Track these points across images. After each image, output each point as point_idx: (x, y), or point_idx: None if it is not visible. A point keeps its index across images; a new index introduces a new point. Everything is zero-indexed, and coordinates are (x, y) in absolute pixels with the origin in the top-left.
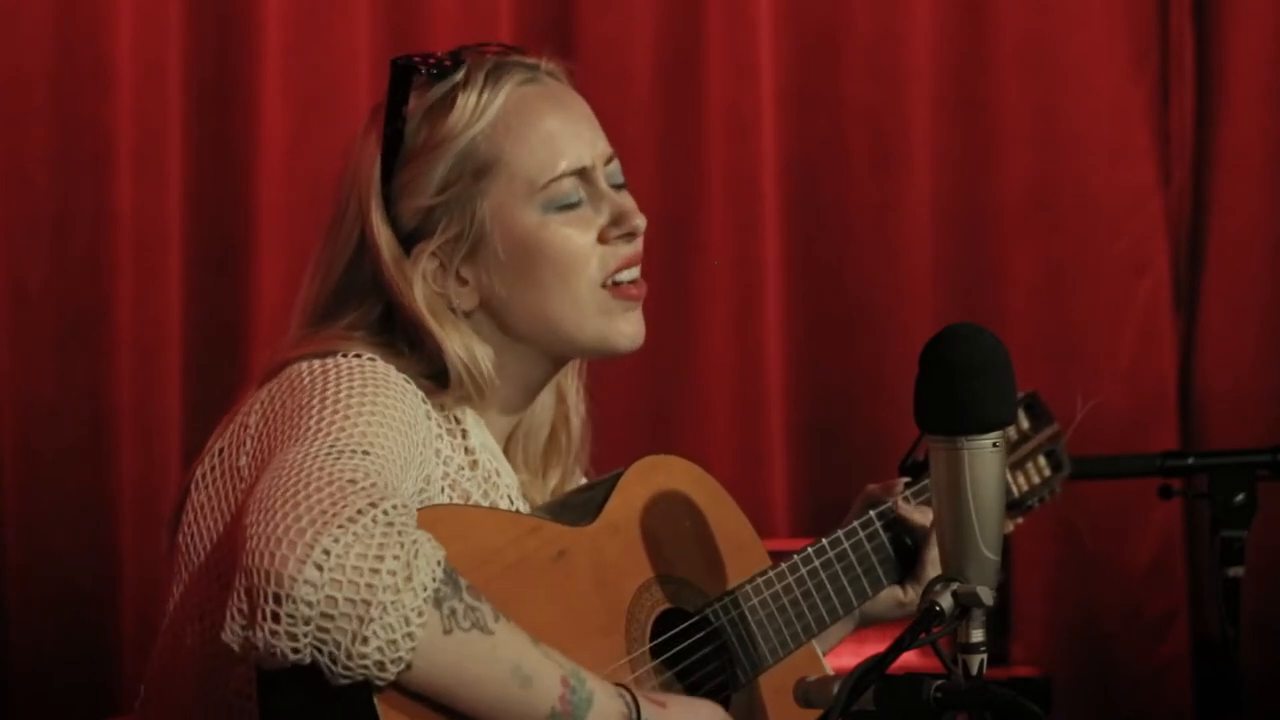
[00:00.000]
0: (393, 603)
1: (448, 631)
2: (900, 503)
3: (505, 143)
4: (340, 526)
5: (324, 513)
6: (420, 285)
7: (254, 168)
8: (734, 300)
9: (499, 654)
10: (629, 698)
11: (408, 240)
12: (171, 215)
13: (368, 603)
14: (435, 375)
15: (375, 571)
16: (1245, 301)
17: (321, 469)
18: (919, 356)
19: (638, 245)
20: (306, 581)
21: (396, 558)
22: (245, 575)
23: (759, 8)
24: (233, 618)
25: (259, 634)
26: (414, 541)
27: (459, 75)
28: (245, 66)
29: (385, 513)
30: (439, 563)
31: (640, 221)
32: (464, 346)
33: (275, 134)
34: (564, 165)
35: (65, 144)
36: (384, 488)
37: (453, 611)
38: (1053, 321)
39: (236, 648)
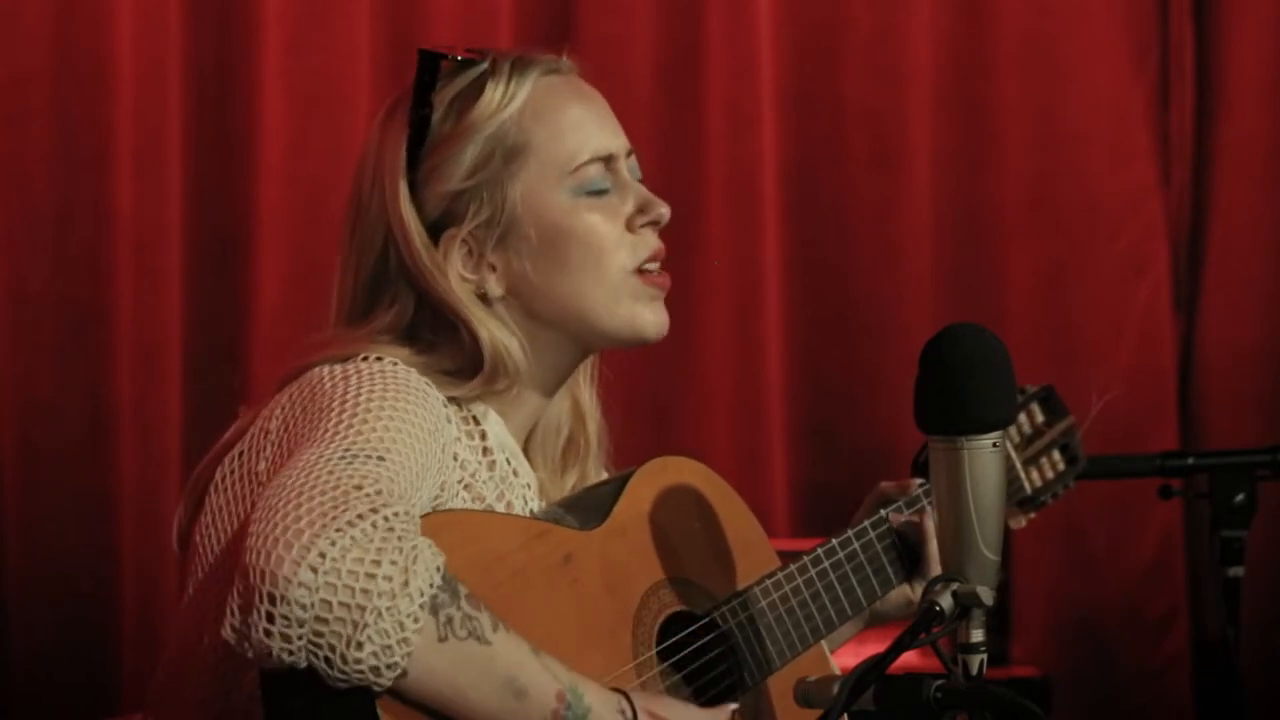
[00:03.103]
0: (388, 608)
1: (443, 639)
2: (893, 515)
3: (534, 128)
4: (339, 530)
5: (324, 515)
6: (453, 274)
7: (254, 167)
8: (734, 300)
9: (495, 665)
10: (629, 713)
11: (434, 228)
12: (171, 215)
13: (363, 607)
14: (461, 368)
15: (371, 576)
16: (1245, 301)
17: (331, 473)
18: (919, 357)
19: (659, 240)
20: (301, 584)
21: (394, 563)
22: (243, 574)
23: (759, 8)
24: (231, 614)
25: (254, 633)
26: (413, 548)
27: (484, 65)
28: (245, 66)
29: (386, 519)
30: (438, 569)
31: (665, 210)
32: (497, 333)
33: (275, 133)
34: (592, 150)
35: (65, 143)
36: (389, 494)
37: (449, 620)
38: (1053, 321)
39: (234, 643)
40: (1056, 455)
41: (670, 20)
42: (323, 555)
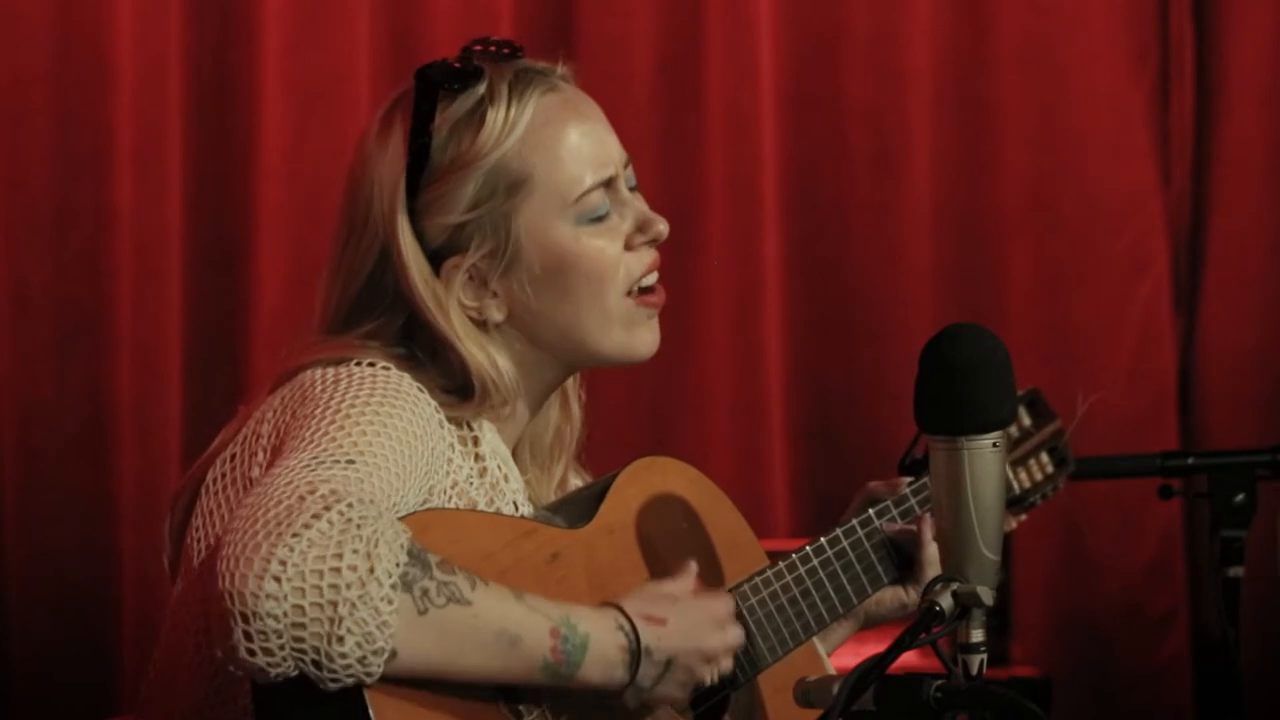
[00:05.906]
0: (360, 597)
1: (423, 612)
2: (886, 525)
3: (534, 158)
4: (295, 535)
5: (278, 524)
6: (453, 304)
7: (254, 167)
8: (734, 300)
9: (481, 622)
10: (628, 628)
11: (434, 256)
12: (171, 215)
13: (334, 603)
14: (456, 388)
15: (336, 570)
16: (1245, 301)
17: (289, 483)
18: (919, 357)
19: (656, 252)
20: (268, 595)
21: (355, 551)
22: (217, 600)
23: (759, 8)
24: (216, 640)
25: (239, 654)
26: (374, 532)
27: (482, 88)
28: (245, 65)
29: (341, 512)
30: (402, 546)
31: (664, 228)
32: (489, 361)
33: (275, 133)
34: (592, 178)
35: (65, 144)
36: (344, 492)
37: (425, 591)
38: (1053, 321)
39: (232, 669)
40: (1044, 458)
41: (670, 20)
42: (283, 562)
